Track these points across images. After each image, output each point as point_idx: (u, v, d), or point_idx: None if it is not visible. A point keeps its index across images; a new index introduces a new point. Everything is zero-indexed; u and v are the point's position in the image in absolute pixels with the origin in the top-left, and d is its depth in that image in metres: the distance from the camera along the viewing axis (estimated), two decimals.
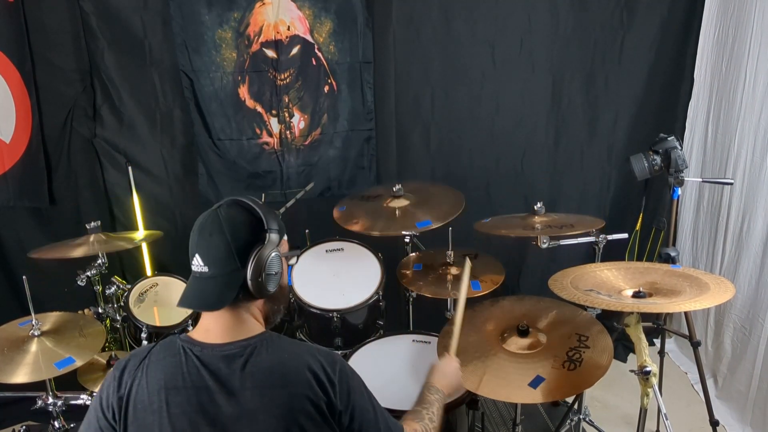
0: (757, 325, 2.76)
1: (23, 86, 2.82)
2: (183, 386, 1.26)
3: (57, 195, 3.01)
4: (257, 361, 1.28)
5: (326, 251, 2.76)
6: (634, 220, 2.77)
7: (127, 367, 1.30)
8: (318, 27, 2.96)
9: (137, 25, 2.85)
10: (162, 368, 1.27)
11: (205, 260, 1.29)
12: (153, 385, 1.26)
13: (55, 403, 2.19)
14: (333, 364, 1.33)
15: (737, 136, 2.88)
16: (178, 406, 1.25)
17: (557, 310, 2.18)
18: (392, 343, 2.41)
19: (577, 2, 3.03)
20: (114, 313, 2.70)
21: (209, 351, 1.28)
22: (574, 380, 1.87)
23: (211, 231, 1.29)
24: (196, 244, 1.30)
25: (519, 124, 3.22)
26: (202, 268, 1.29)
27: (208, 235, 1.29)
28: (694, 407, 2.93)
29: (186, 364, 1.27)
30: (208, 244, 1.29)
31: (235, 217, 1.32)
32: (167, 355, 1.29)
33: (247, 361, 1.27)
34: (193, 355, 1.28)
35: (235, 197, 1.37)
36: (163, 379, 1.26)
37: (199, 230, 1.31)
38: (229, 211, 1.32)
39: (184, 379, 1.26)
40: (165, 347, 1.31)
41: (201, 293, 1.30)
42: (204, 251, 1.29)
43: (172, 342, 1.32)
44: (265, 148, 3.10)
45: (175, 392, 1.25)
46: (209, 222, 1.31)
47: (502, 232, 2.41)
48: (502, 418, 2.94)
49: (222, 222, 1.30)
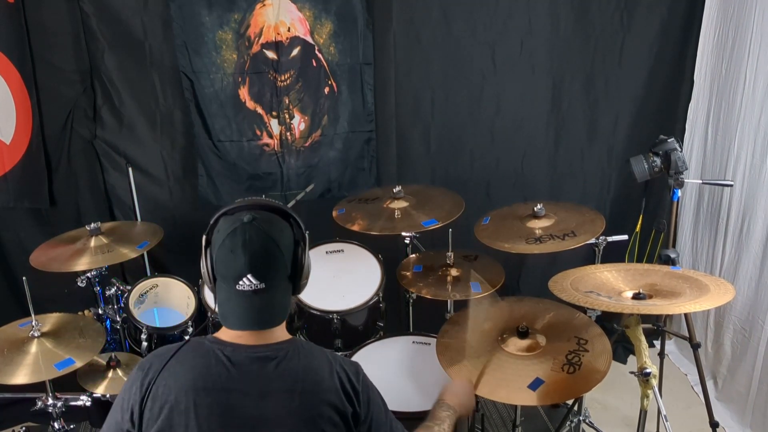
0: (757, 327, 2.76)
1: (23, 87, 2.82)
2: (213, 387, 1.24)
3: (57, 196, 3.01)
4: (290, 365, 1.27)
5: (326, 252, 2.76)
6: (634, 222, 2.77)
7: (152, 367, 1.27)
8: (318, 28, 2.96)
9: (137, 26, 2.85)
10: (191, 369, 1.25)
11: (261, 277, 1.24)
12: (181, 386, 1.24)
13: (55, 404, 2.19)
14: (357, 375, 1.34)
15: (737, 138, 2.88)
16: (207, 407, 1.23)
17: (556, 312, 2.18)
18: (392, 344, 2.41)
19: (577, 4, 3.04)
20: (114, 314, 2.70)
21: (241, 352, 1.27)
22: (573, 384, 1.87)
23: (262, 246, 1.25)
24: (246, 263, 1.24)
25: (519, 125, 3.22)
26: (258, 285, 1.25)
27: (260, 252, 1.24)
28: (694, 409, 2.93)
29: (216, 365, 1.25)
30: (263, 261, 1.25)
31: (275, 225, 1.29)
32: (196, 356, 1.27)
33: (279, 363, 1.26)
34: (224, 356, 1.26)
35: (249, 200, 1.33)
36: (192, 380, 1.24)
37: (243, 248, 1.24)
38: (266, 219, 1.29)
39: (213, 380, 1.24)
40: (192, 348, 1.29)
41: (262, 310, 1.28)
42: (258, 268, 1.24)
43: (200, 343, 1.30)
44: (265, 150, 3.10)
45: (204, 393, 1.23)
46: (254, 237, 1.25)
47: (505, 247, 2.40)
48: (502, 420, 2.94)
49: (267, 233, 1.26)
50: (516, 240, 2.42)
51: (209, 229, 1.32)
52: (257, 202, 1.33)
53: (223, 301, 1.29)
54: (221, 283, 1.29)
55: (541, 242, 2.38)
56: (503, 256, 2.50)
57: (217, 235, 1.29)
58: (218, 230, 1.29)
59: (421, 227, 2.56)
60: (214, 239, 1.29)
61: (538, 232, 2.45)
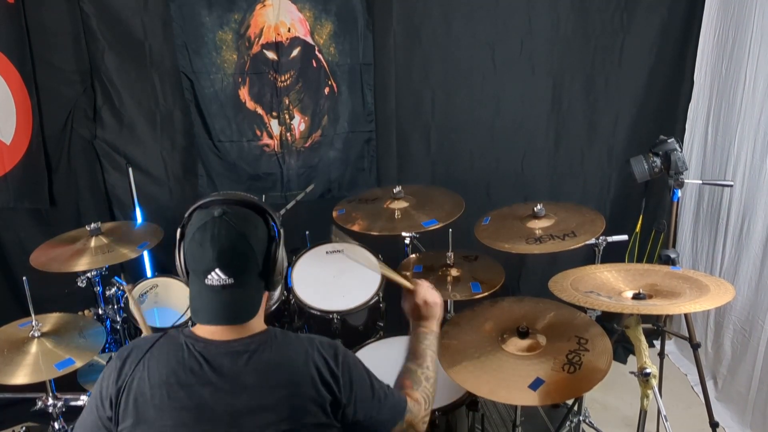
0: (757, 327, 2.76)
1: (24, 87, 2.82)
2: (185, 383, 1.24)
3: (57, 196, 3.01)
4: (262, 358, 1.26)
5: (326, 253, 2.76)
6: (634, 222, 2.77)
7: (129, 358, 1.27)
8: (318, 29, 2.96)
9: (138, 26, 2.85)
10: (165, 363, 1.25)
11: (229, 272, 1.22)
12: (155, 380, 1.24)
13: (55, 404, 2.19)
14: (336, 358, 1.31)
15: (737, 138, 2.88)
16: (180, 401, 1.23)
17: (557, 312, 2.18)
18: (392, 344, 2.41)
19: (577, 4, 3.04)
20: (114, 315, 2.70)
21: (214, 348, 1.26)
22: (573, 383, 1.87)
23: (229, 240, 1.23)
24: (214, 258, 1.22)
25: (519, 125, 3.22)
26: (226, 281, 1.23)
27: (227, 246, 1.22)
28: (694, 409, 2.93)
29: (189, 359, 1.25)
30: (231, 255, 1.23)
31: (247, 220, 1.26)
32: (170, 350, 1.27)
33: (251, 357, 1.25)
34: (196, 351, 1.26)
35: (224, 194, 1.30)
36: (166, 374, 1.24)
37: (211, 242, 1.22)
38: (237, 214, 1.26)
39: (186, 374, 1.24)
40: (168, 342, 1.29)
41: (230, 306, 1.26)
42: (226, 263, 1.22)
43: (175, 337, 1.29)
44: (265, 150, 3.10)
45: (177, 387, 1.23)
46: (222, 232, 1.23)
47: (505, 247, 2.40)
48: (502, 420, 2.94)
49: (237, 229, 1.24)
50: (516, 240, 2.42)
51: (183, 222, 1.31)
52: (232, 197, 1.30)
53: (195, 296, 1.28)
54: (193, 277, 1.28)
55: (541, 242, 2.38)
56: (503, 257, 2.50)
57: (189, 229, 1.28)
58: (191, 224, 1.28)
59: (422, 227, 2.56)
60: (187, 232, 1.28)
61: (538, 233, 2.45)
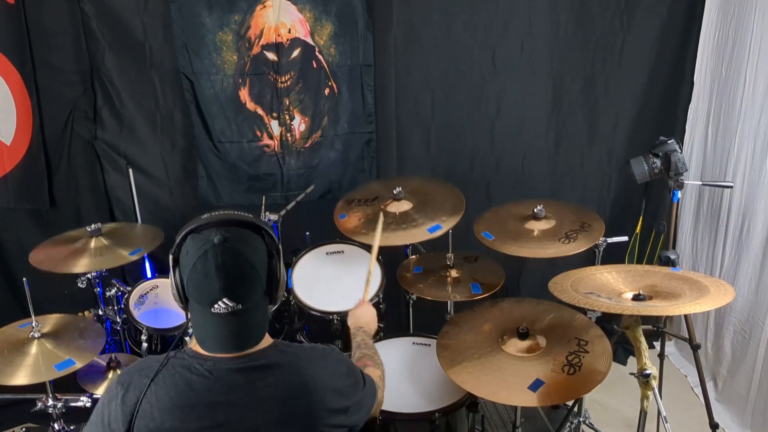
0: (757, 328, 2.76)
1: (24, 88, 2.82)
2: (197, 403, 1.20)
3: (57, 197, 3.01)
4: (277, 373, 1.24)
5: (326, 254, 2.76)
6: (634, 223, 2.77)
7: (132, 385, 1.23)
8: (319, 30, 2.96)
9: (138, 27, 2.85)
10: (172, 386, 1.21)
11: (237, 298, 1.19)
12: (164, 405, 1.20)
13: (55, 405, 2.19)
14: (348, 368, 1.34)
15: (737, 139, 2.88)
16: (193, 422, 1.20)
17: (556, 313, 2.18)
18: (392, 345, 2.42)
19: (577, 5, 3.04)
20: (114, 315, 2.70)
21: (223, 365, 1.23)
22: (573, 385, 1.87)
23: (237, 268, 1.19)
24: (222, 288, 1.18)
25: (519, 126, 3.22)
26: (234, 307, 1.19)
27: (234, 275, 1.19)
28: (694, 410, 2.93)
29: (198, 380, 1.22)
30: (237, 284, 1.19)
31: (248, 243, 1.22)
32: (175, 373, 1.23)
33: (265, 372, 1.23)
34: (205, 370, 1.22)
35: (216, 215, 1.25)
36: (175, 398, 1.21)
37: (216, 272, 1.18)
38: (237, 238, 1.21)
39: (197, 395, 1.21)
40: (172, 366, 1.24)
41: (239, 333, 1.23)
42: (233, 291, 1.19)
43: (179, 359, 1.26)
44: (265, 151, 3.10)
45: (189, 409, 1.20)
46: (228, 260, 1.18)
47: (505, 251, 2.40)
48: (502, 421, 2.94)
49: (241, 254, 1.20)
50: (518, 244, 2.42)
51: (176, 247, 1.25)
52: (225, 218, 1.24)
53: (199, 324, 1.25)
54: (195, 305, 1.24)
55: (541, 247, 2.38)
56: (503, 257, 2.50)
57: (186, 258, 1.22)
58: (187, 251, 1.22)
59: (427, 234, 2.49)
60: (184, 261, 1.22)
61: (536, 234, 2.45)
